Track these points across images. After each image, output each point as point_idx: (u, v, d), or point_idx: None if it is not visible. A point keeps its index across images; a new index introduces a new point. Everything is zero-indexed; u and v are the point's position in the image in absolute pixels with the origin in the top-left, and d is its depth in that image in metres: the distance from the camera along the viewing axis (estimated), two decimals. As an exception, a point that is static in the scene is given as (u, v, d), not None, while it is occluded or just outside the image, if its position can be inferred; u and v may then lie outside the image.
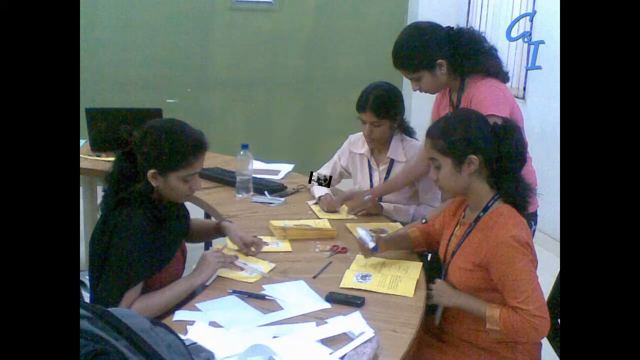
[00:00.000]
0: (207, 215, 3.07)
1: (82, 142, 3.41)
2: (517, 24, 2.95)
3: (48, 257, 1.00)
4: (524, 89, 4.58)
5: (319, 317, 1.74)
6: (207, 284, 1.96)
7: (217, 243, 2.57)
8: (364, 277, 1.99)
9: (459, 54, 2.28)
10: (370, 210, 2.65)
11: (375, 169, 2.79)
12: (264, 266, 2.08)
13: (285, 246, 2.28)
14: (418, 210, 2.69)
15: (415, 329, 1.71)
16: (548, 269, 2.08)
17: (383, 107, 2.62)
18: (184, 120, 1.98)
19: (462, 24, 2.88)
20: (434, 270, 2.11)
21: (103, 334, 1.08)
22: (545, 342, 1.93)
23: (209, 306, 1.79)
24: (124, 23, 4.99)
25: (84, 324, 1.08)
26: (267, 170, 3.22)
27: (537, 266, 1.79)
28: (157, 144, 1.88)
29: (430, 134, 1.91)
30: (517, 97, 3.83)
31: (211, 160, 3.08)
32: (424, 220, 2.36)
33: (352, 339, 1.60)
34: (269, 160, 3.39)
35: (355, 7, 5.41)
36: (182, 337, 1.30)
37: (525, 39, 3.05)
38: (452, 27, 2.34)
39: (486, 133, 1.86)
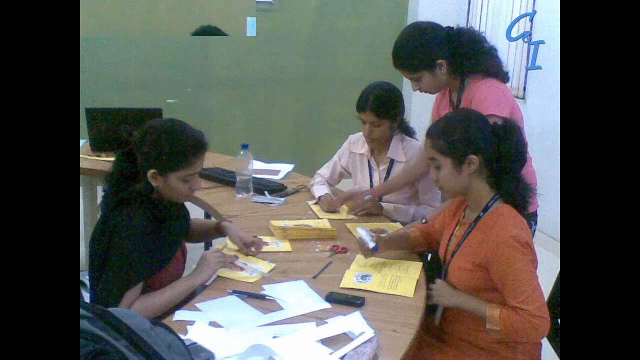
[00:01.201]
0: (207, 215, 3.07)
1: (82, 142, 3.41)
2: (517, 24, 2.94)
3: (48, 257, 1.00)
4: (524, 89, 4.58)
5: (319, 317, 1.74)
6: (207, 284, 1.96)
7: (217, 243, 2.57)
8: (364, 277, 1.99)
9: (459, 54, 2.28)
10: (370, 210, 2.65)
11: (375, 169, 2.79)
12: (264, 266, 2.08)
13: (285, 246, 2.28)
14: (418, 210, 2.69)
15: (415, 329, 1.71)
16: (548, 269, 2.07)
17: (383, 107, 2.62)
18: (184, 120, 1.98)
19: (462, 24, 2.88)
20: (434, 270, 2.11)
21: (103, 334, 1.08)
22: (545, 342, 1.93)
23: (209, 306, 1.79)
24: (124, 23, 4.99)
25: (84, 324, 1.08)
26: (267, 170, 3.22)
27: (537, 266, 1.79)
28: (157, 144, 1.88)
29: (430, 134, 1.91)
30: (517, 97, 3.83)
31: (211, 160, 3.08)
32: (424, 220, 2.36)
33: (352, 339, 1.60)
34: (269, 160, 3.39)
35: (355, 7, 5.41)
36: (182, 337, 1.30)
37: (525, 39, 3.05)
38: (452, 27, 2.34)
39: (486, 133, 1.86)
